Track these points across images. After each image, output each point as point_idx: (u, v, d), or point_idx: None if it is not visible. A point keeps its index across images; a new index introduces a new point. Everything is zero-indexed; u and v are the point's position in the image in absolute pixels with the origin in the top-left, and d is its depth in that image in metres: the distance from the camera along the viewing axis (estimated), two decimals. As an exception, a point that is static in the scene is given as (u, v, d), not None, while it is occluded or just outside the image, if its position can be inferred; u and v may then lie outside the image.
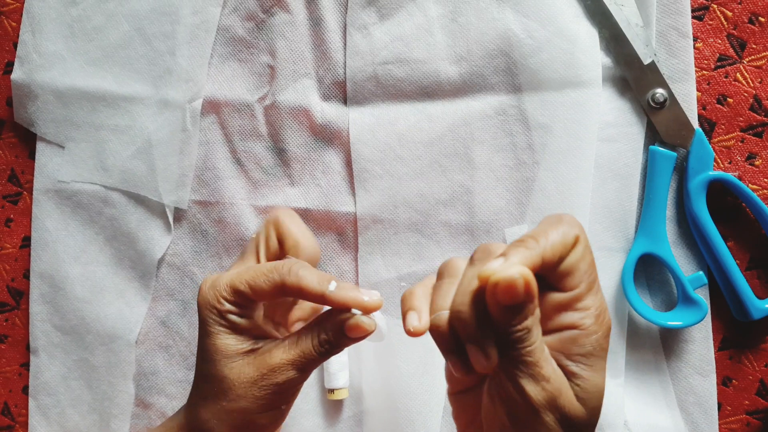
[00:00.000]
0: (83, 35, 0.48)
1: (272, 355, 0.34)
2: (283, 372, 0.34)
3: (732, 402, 0.45)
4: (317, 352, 0.34)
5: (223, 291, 0.34)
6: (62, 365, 0.48)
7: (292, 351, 0.34)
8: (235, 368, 0.34)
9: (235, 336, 0.34)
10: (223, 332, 0.34)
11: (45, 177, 0.49)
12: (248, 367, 0.34)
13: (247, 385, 0.34)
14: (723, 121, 0.45)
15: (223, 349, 0.34)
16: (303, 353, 0.34)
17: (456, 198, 0.46)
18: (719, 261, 0.44)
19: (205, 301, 0.35)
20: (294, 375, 0.34)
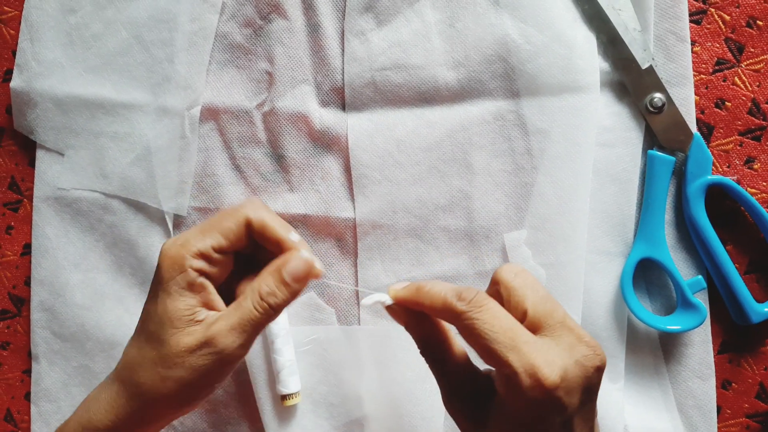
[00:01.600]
0: (82, 43, 0.48)
1: (214, 324, 0.34)
2: (224, 337, 0.33)
3: (731, 405, 0.45)
4: (258, 309, 0.34)
5: (190, 246, 0.34)
6: (63, 372, 0.48)
7: (232, 316, 0.34)
8: (176, 335, 0.34)
9: (187, 300, 0.34)
10: (179, 293, 0.34)
11: (45, 184, 0.49)
12: (189, 336, 0.33)
13: (186, 353, 0.33)
14: (721, 125, 0.45)
15: (172, 311, 0.34)
16: (243, 314, 0.34)
17: (455, 203, 0.46)
18: (718, 265, 0.44)
19: (169, 256, 0.34)
20: (236, 339, 0.33)
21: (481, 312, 0.31)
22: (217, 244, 0.34)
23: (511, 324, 0.31)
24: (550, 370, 0.30)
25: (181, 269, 0.34)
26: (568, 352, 0.31)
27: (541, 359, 0.30)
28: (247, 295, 0.34)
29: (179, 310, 0.34)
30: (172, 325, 0.34)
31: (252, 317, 0.34)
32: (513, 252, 0.45)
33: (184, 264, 0.34)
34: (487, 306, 0.32)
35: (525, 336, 0.31)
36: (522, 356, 0.30)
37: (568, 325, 0.32)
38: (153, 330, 0.34)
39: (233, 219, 0.35)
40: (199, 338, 0.33)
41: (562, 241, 0.45)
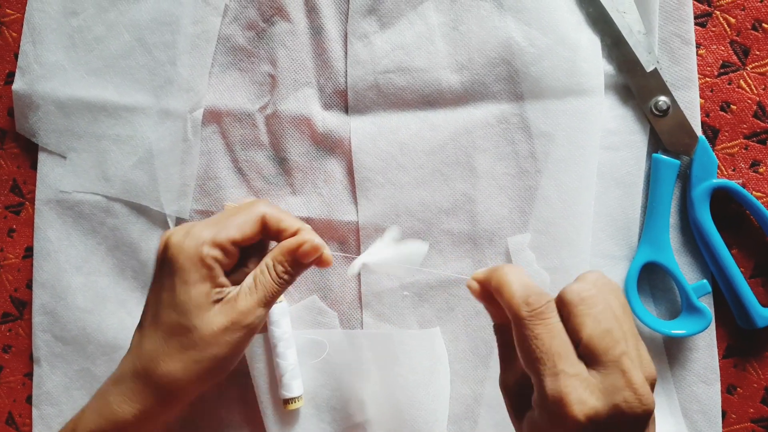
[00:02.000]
0: (84, 45, 0.48)
1: (239, 301, 0.37)
2: (252, 313, 0.37)
3: (737, 410, 0.45)
4: (278, 284, 0.38)
5: (205, 237, 0.36)
6: (64, 375, 0.48)
7: (255, 292, 0.37)
8: (206, 318, 0.36)
9: (207, 285, 0.36)
10: (199, 281, 0.36)
11: (47, 187, 0.49)
12: (218, 316, 0.36)
13: (220, 332, 0.36)
14: (727, 128, 0.45)
15: (196, 298, 0.36)
16: (266, 289, 0.37)
17: (458, 207, 0.46)
18: (723, 269, 0.44)
19: (182, 249, 0.36)
20: (262, 312, 0.37)
21: (539, 326, 0.31)
22: (234, 237, 0.37)
23: (562, 348, 0.30)
24: (579, 409, 0.29)
25: (200, 259, 0.36)
26: (610, 395, 0.30)
27: (574, 394, 0.29)
28: (264, 272, 0.38)
29: (202, 296, 0.36)
30: (200, 310, 0.36)
31: (272, 291, 0.37)
32: (517, 256, 0.45)
33: (202, 254, 0.36)
34: (547, 322, 0.31)
35: (570, 367, 0.30)
36: (557, 385, 0.30)
37: (623, 366, 0.30)
38: (175, 319, 0.36)
39: (248, 215, 0.38)
40: (230, 316, 0.36)
41: (566, 245, 0.44)
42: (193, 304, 0.36)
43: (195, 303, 0.36)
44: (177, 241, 0.37)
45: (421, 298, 0.46)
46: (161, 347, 0.37)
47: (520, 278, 0.33)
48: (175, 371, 0.36)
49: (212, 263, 0.36)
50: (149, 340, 0.37)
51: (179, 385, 0.37)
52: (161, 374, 0.36)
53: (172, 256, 0.37)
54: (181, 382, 0.36)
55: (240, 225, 0.38)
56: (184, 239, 0.37)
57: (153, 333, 0.37)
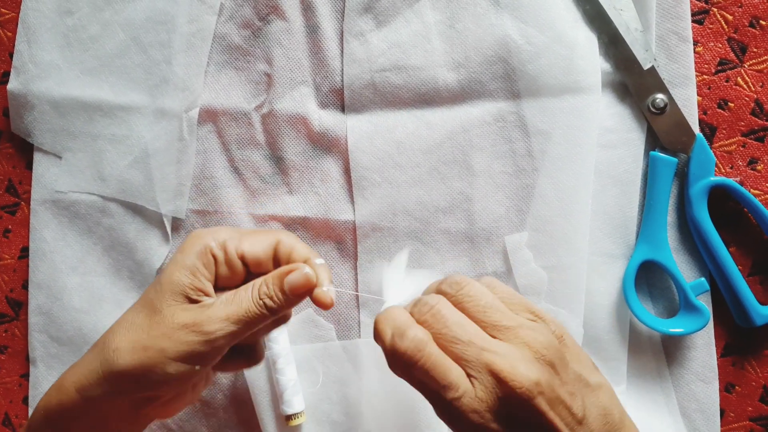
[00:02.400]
0: (79, 45, 0.48)
1: (210, 307, 0.35)
2: (216, 322, 0.34)
3: (735, 408, 0.45)
4: (256, 304, 0.35)
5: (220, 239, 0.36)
6: (61, 376, 0.48)
7: (230, 305, 0.34)
8: (172, 308, 0.34)
9: (194, 279, 0.35)
10: (189, 270, 0.35)
11: (42, 187, 0.48)
12: (185, 313, 0.34)
13: (176, 327, 0.34)
14: (724, 125, 0.45)
15: (177, 284, 0.35)
16: (240, 306, 0.34)
17: (455, 205, 0.45)
18: (721, 267, 0.43)
19: (196, 237, 0.36)
20: (228, 327, 0.34)
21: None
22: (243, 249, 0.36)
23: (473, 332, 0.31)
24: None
25: (203, 249, 0.35)
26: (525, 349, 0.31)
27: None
28: (247, 289, 0.35)
29: (183, 285, 0.35)
30: (173, 297, 0.35)
31: (247, 311, 0.34)
32: (514, 254, 0.45)
33: (208, 245, 0.35)
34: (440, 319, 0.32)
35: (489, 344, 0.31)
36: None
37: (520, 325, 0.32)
38: (152, 297, 0.35)
39: (266, 236, 0.37)
40: (192, 317, 0.34)
41: (563, 244, 0.44)
42: (171, 288, 0.35)
43: (176, 288, 0.35)
44: (195, 233, 0.36)
45: None
46: (127, 320, 0.35)
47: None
48: (122, 349, 0.34)
49: (210, 260, 0.35)
50: (126, 314, 0.36)
51: (118, 367, 0.34)
52: (111, 347, 0.35)
53: (184, 242, 0.36)
54: (121, 362, 0.34)
55: (253, 242, 0.36)
56: (203, 231, 0.36)
57: (133, 307, 0.36)
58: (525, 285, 0.44)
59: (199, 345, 0.34)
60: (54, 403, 0.36)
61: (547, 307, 0.44)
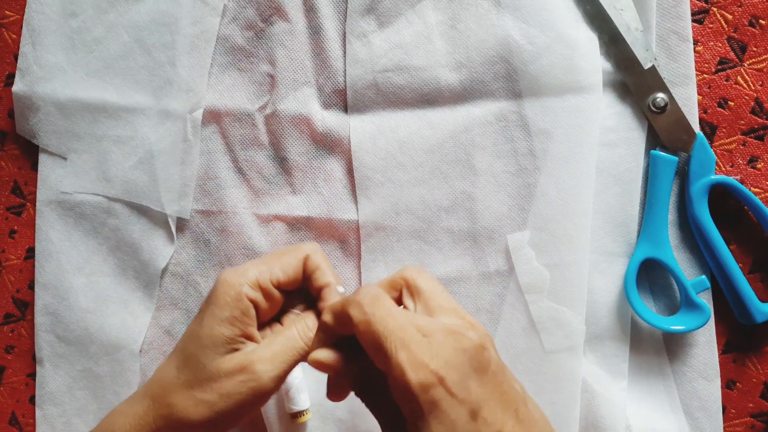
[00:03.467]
0: (83, 47, 0.48)
1: (254, 351, 0.35)
2: (264, 365, 0.35)
3: (736, 405, 0.45)
4: (302, 342, 0.36)
5: (249, 275, 0.36)
6: (67, 375, 0.48)
7: (275, 344, 0.35)
8: (216, 359, 0.35)
9: (235, 329, 0.35)
10: (228, 321, 0.35)
11: (48, 188, 0.49)
12: (228, 362, 0.35)
13: (223, 377, 0.34)
14: (724, 124, 0.45)
15: (218, 337, 0.35)
16: (286, 344, 0.35)
17: (458, 205, 0.46)
18: (722, 265, 0.44)
19: (226, 281, 0.36)
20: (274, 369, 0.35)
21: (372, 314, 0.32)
22: (277, 278, 0.36)
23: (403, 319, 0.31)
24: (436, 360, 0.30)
25: (238, 297, 0.35)
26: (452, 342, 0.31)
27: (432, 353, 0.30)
28: (291, 327, 0.36)
29: (223, 336, 0.35)
30: (215, 350, 0.35)
31: (295, 347, 0.35)
32: (516, 253, 0.45)
33: (241, 291, 0.35)
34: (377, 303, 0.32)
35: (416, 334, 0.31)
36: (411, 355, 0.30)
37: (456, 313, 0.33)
38: (193, 352, 0.35)
39: (294, 255, 0.37)
40: (238, 362, 0.35)
41: (565, 242, 0.44)
42: (212, 341, 0.35)
43: (216, 340, 0.35)
44: (225, 276, 0.36)
45: None
46: (173, 376, 0.36)
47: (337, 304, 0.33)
48: (178, 404, 0.35)
49: (248, 305, 0.36)
50: (166, 366, 0.37)
51: (179, 421, 0.35)
52: (166, 403, 0.35)
53: (215, 289, 0.36)
54: (181, 417, 0.35)
55: (284, 266, 0.37)
56: (231, 275, 0.36)
57: (173, 359, 0.37)
58: (527, 283, 0.45)
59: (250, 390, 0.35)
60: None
61: (549, 305, 0.44)
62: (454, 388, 0.30)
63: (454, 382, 0.30)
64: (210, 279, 0.48)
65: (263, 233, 0.47)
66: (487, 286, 0.46)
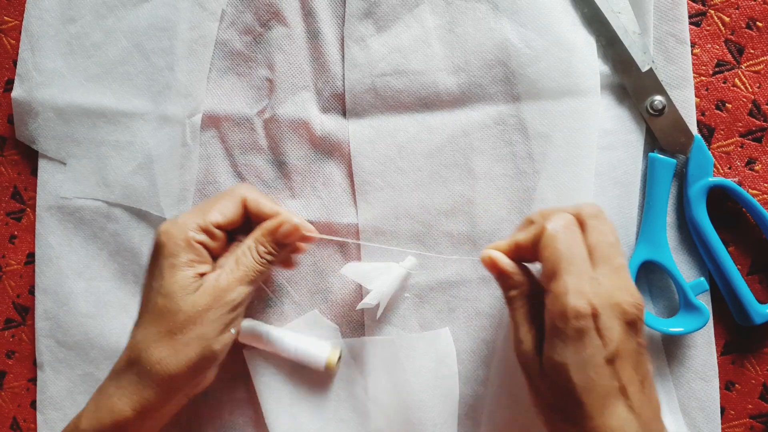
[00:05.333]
0: (82, 52, 0.48)
1: (220, 280, 0.39)
2: (233, 289, 0.39)
3: (735, 406, 0.45)
4: (259, 263, 0.40)
5: (189, 223, 0.39)
6: (68, 380, 0.48)
7: (237, 271, 0.39)
8: (190, 300, 0.38)
9: (192, 269, 0.39)
10: (185, 264, 0.38)
11: (47, 193, 0.49)
12: (201, 297, 0.38)
13: (203, 312, 0.38)
14: (722, 126, 0.45)
15: (182, 281, 0.38)
16: (247, 268, 0.39)
17: (457, 208, 0.46)
18: (720, 266, 0.44)
19: (171, 234, 0.39)
20: (244, 290, 0.39)
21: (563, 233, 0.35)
22: (217, 220, 0.40)
23: (583, 255, 0.35)
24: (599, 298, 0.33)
25: (187, 243, 0.39)
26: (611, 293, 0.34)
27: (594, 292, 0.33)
28: (245, 253, 0.40)
29: (188, 278, 0.38)
30: (184, 291, 0.38)
31: (254, 270, 0.40)
32: (515, 256, 0.45)
33: (189, 238, 0.39)
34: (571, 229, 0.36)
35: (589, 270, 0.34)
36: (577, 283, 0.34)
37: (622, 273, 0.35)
38: (162, 304, 0.38)
39: (231, 198, 0.41)
40: (212, 295, 0.38)
41: (564, 245, 0.44)
42: (178, 287, 0.38)
43: (180, 285, 0.38)
44: (165, 229, 0.39)
45: (422, 300, 0.46)
46: (151, 334, 0.38)
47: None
48: (166, 357, 0.37)
49: (199, 247, 0.39)
50: (141, 329, 0.39)
51: (172, 371, 0.37)
52: (153, 361, 0.37)
53: (162, 243, 0.39)
54: (173, 367, 0.37)
55: (222, 209, 0.40)
56: (172, 227, 0.39)
57: (144, 322, 0.39)
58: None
59: (228, 314, 0.38)
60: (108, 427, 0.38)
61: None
62: (603, 328, 0.33)
63: (605, 323, 0.33)
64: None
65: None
66: (487, 289, 0.46)
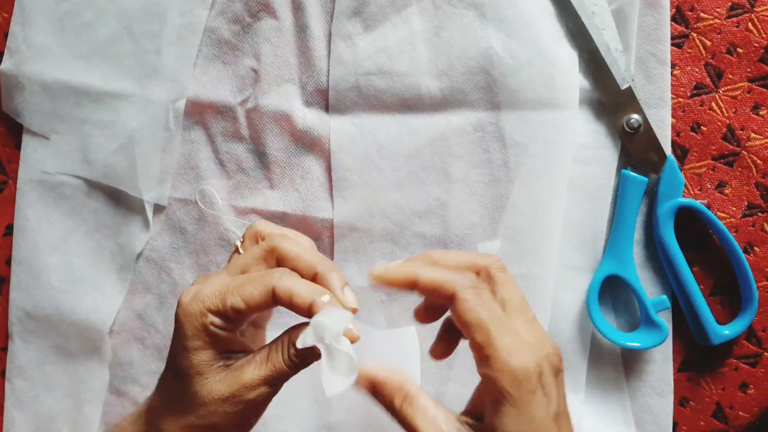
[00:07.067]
0: (72, 30, 0.49)
1: (244, 372, 0.34)
2: (256, 389, 0.34)
3: (688, 422, 0.46)
4: (289, 367, 0.34)
5: (209, 303, 0.34)
6: (38, 351, 0.49)
7: (264, 367, 0.34)
8: (207, 385, 0.34)
9: (212, 351, 0.34)
10: (201, 347, 0.34)
11: (30, 167, 0.49)
12: (220, 385, 0.34)
13: (219, 402, 0.34)
14: (696, 148, 0.46)
15: (198, 365, 0.34)
16: (275, 368, 0.34)
17: (431, 211, 0.47)
18: (683, 285, 0.45)
19: (187, 313, 0.34)
20: (266, 391, 0.34)
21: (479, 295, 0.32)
22: (239, 307, 0.34)
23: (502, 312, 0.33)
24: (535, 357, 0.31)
25: (203, 328, 0.34)
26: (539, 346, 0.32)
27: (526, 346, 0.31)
28: (278, 348, 0.34)
29: (204, 363, 0.34)
30: (201, 376, 0.34)
31: (283, 371, 0.34)
32: (484, 261, 0.46)
33: (205, 321, 0.34)
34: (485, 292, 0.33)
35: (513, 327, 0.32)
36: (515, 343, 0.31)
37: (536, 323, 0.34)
38: (181, 384, 0.35)
39: (258, 286, 0.34)
40: (232, 388, 0.34)
41: (533, 254, 0.45)
42: (194, 371, 0.34)
43: (196, 370, 0.34)
44: (184, 303, 0.34)
45: (390, 297, 0.47)
46: (164, 407, 0.36)
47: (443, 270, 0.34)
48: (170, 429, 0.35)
49: (215, 331, 0.34)
50: (157, 394, 0.37)
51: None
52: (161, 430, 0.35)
53: (178, 319, 0.35)
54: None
55: (245, 295, 0.34)
56: (191, 302, 0.34)
57: (163, 386, 0.36)
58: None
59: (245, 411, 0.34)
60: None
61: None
62: (546, 384, 0.31)
63: (546, 379, 0.31)
64: (184, 266, 0.48)
65: (239, 225, 0.48)
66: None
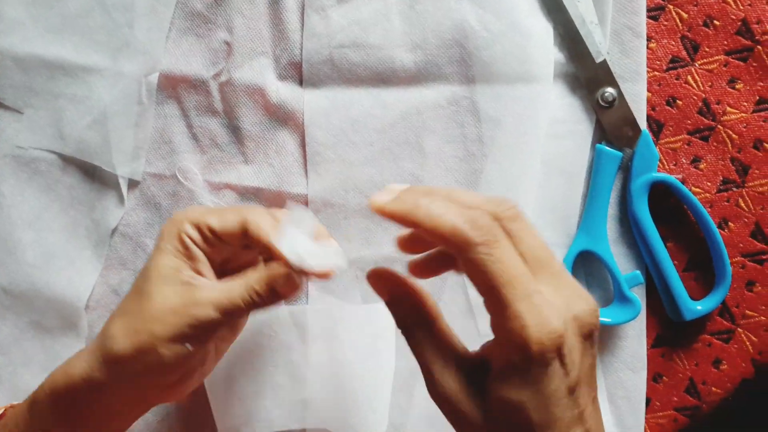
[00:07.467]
0: (44, 2, 0.48)
1: (200, 290, 0.35)
2: (204, 308, 0.35)
3: (661, 398, 0.46)
4: (243, 302, 0.35)
5: (190, 215, 0.37)
6: (15, 327, 0.49)
7: (220, 294, 0.35)
8: (163, 291, 0.35)
9: (179, 261, 0.36)
10: (171, 252, 0.36)
11: (3, 142, 0.49)
12: (175, 295, 0.35)
13: (166, 311, 0.35)
14: (671, 123, 0.46)
15: (162, 267, 0.36)
16: (229, 298, 0.35)
17: (405, 185, 0.46)
18: (657, 261, 0.45)
19: (171, 220, 0.37)
20: (214, 316, 0.35)
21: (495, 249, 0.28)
22: (212, 224, 0.37)
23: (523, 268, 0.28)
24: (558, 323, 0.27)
25: (178, 231, 0.37)
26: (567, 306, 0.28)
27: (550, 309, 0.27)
28: (241, 283, 0.36)
29: (168, 267, 0.36)
30: (161, 280, 0.36)
31: (233, 303, 0.35)
32: (457, 237, 0.46)
33: (181, 227, 0.37)
34: (502, 243, 0.28)
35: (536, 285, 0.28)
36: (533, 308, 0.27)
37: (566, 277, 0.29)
38: (140, 284, 0.36)
39: (234, 214, 0.37)
40: (181, 300, 0.35)
41: (507, 229, 0.45)
42: (157, 272, 0.36)
43: (160, 271, 0.36)
44: (170, 217, 0.38)
45: (365, 273, 0.47)
46: (120, 308, 0.37)
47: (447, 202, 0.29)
48: (117, 335, 0.36)
49: (188, 242, 0.36)
50: (121, 302, 0.38)
51: (115, 351, 0.35)
52: (108, 334, 0.36)
53: (162, 228, 0.37)
54: (118, 347, 0.35)
55: (222, 218, 0.37)
56: (177, 213, 0.38)
57: (126, 296, 0.38)
58: (466, 267, 0.45)
59: (187, 327, 0.34)
60: (61, 387, 0.37)
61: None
62: (566, 354, 0.27)
63: (567, 347, 0.28)
64: (159, 242, 0.48)
65: (213, 201, 0.48)
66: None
